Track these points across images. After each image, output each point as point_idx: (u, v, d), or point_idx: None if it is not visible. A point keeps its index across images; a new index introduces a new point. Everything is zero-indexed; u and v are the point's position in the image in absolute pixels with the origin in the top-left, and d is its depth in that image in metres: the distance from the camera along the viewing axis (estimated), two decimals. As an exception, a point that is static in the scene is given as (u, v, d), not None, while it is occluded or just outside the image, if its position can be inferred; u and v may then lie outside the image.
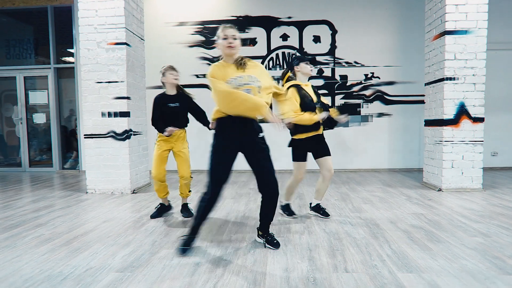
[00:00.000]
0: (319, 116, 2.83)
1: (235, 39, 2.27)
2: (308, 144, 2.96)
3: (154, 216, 3.24)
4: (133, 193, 4.42)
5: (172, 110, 3.12)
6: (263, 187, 2.28)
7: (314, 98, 2.94)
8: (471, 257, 2.21)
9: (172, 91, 3.18)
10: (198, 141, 5.92)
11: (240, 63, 2.30)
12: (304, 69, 2.96)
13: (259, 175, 2.27)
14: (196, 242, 2.40)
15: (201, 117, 3.25)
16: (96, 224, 3.03)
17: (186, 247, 2.27)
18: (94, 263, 2.18)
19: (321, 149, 3.02)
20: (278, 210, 3.21)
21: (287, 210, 3.24)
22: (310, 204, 3.27)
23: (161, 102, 3.16)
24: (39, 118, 6.76)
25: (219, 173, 2.20)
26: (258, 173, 2.27)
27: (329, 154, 3.05)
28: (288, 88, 2.89)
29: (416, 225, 2.90)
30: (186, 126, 3.26)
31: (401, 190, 4.43)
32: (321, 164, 3.05)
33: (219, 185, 2.21)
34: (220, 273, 2.02)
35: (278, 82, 2.90)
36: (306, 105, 2.85)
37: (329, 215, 3.17)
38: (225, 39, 2.27)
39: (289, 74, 3.02)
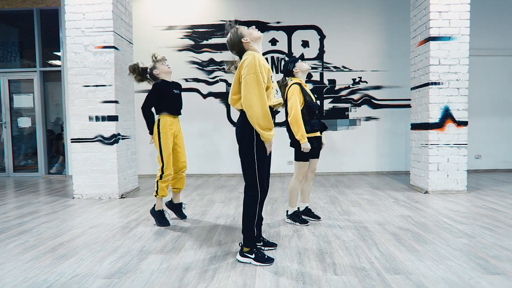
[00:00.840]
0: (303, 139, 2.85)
1: None
2: (312, 144, 2.98)
3: (164, 223, 3.09)
4: (121, 198, 4.35)
5: (176, 96, 3.18)
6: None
7: (313, 98, 3.01)
8: (457, 257, 2.25)
9: (169, 79, 3.21)
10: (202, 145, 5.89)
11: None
12: (303, 67, 3.00)
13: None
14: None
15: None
16: (83, 230, 2.97)
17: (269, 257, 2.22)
18: (81, 269, 2.13)
19: (316, 151, 3.06)
20: (286, 220, 3.18)
21: (297, 217, 3.11)
22: (298, 208, 3.24)
23: (165, 88, 3.13)
24: (24, 122, 6.61)
25: (265, 170, 2.20)
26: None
27: (318, 157, 3.11)
28: (291, 85, 2.91)
29: (404, 227, 2.94)
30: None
31: (389, 192, 4.49)
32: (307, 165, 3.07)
33: (267, 182, 2.26)
34: (210, 277, 2.00)
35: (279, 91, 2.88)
36: (309, 104, 2.90)
37: (319, 218, 3.19)
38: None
39: (291, 80, 2.99)
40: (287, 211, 3.18)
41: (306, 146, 2.83)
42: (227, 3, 6.19)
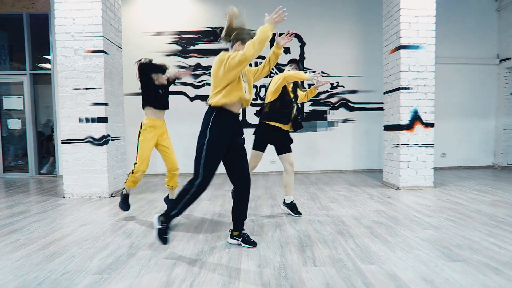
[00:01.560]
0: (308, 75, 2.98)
1: None
2: (280, 138, 3.17)
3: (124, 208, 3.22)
4: (111, 196, 4.26)
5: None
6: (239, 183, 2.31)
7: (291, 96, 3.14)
8: (424, 247, 2.32)
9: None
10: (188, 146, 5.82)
11: None
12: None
13: (236, 171, 2.30)
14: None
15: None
16: (73, 228, 2.89)
17: (165, 236, 2.22)
18: (71, 266, 2.08)
19: (286, 144, 3.19)
20: (285, 211, 3.30)
21: (295, 208, 3.23)
22: (284, 201, 3.28)
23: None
24: (14, 124, 6.37)
25: (216, 162, 2.20)
26: (236, 169, 2.30)
27: (291, 150, 3.21)
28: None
29: (377, 221, 3.01)
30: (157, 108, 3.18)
31: (364, 189, 4.58)
32: (284, 159, 3.17)
33: (213, 174, 2.20)
34: (197, 271, 1.99)
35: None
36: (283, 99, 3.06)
37: (301, 214, 3.22)
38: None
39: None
40: (284, 200, 3.30)
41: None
42: (213, 11, 6.16)
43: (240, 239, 2.42)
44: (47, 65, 6.23)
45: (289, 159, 3.14)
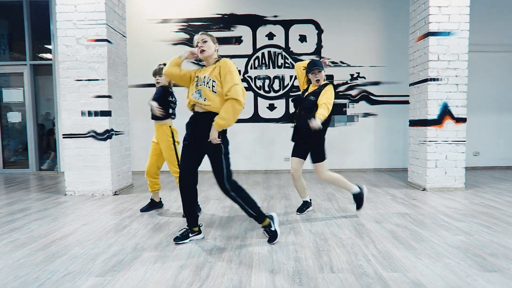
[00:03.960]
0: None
1: (204, 42, 2.45)
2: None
3: (143, 209, 3.46)
4: (115, 194, 4.34)
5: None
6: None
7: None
8: (454, 255, 2.27)
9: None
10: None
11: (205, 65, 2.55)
12: (312, 80, 3.09)
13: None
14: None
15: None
16: (75, 227, 2.95)
17: (274, 236, 2.58)
18: (73, 267, 2.13)
19: (295, 148, 3.35)
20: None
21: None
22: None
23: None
24: (14, 117, 6.55)
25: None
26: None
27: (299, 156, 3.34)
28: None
29: (401, 225, 2.96)
30: (162, 119, 3.29)
31: (386, 189, 4.51)
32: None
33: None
34: (205, 275, 2.01)
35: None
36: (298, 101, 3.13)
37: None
38: (197, 46, 2.47)
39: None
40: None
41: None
42: (223, -4, 6.15)
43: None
44: (48, 55, 6.36)
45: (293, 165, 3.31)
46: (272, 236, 2.56)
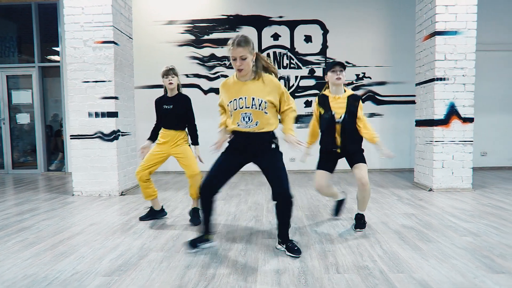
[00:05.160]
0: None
1: (243, 59, 2.19)
2: (325, 158, 3.19)
3: (142, 218, 3.20)
4: (121, 195, 4.37)
5: (166, 112, 3.07)
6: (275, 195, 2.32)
7: (339, 113, 2.80)
8: (461, 256, 2.25)
9: (171, 93, 3.12)
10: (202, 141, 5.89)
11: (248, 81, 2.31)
12: (331, 79, 2.77)
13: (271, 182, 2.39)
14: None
15: (190, 129, 3.20)
16: (82, 227, 2.98)
17: (296, 248, 2.32)
18: (81, 267, 2.15)
19: (329, 164, 3.28)
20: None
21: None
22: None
23: (158, 104, 3.16)
24: (22, 119, 6.63)
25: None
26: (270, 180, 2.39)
27: (330, 171, 3.18)
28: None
29: (407, 225, 2.94)
30: (184, 129, 3.15)
31: (392, 190, 4.48)
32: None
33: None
34: (211, 275, 2.01)
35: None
36: (323, 120, 2.82)
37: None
38: (234, 60, 2.22)
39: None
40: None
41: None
42: (228, -3, 6.17)
43: (284, 246, 2.37)
44: (56, 57, 6.44)
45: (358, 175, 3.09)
46: (297, 250, 2.31)
